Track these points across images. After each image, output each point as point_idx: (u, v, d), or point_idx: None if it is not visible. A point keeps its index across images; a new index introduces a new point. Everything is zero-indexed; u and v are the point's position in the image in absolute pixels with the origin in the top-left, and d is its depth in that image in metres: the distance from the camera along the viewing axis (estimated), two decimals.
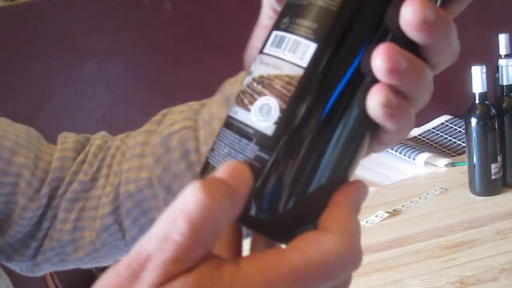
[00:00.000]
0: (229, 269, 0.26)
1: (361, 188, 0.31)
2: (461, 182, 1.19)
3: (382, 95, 0.29)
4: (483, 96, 1.10)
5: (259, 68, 0.31)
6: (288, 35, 0.30)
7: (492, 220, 1.04)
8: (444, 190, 1.20)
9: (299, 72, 0.29)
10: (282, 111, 0.29)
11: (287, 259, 0.26)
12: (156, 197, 0.50)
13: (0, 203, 0.50)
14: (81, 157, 0.54)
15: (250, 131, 0.30)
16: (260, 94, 0.30)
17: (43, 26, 1.68)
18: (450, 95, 1.45)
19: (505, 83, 1.12)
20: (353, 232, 0.28)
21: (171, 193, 0.49)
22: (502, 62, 1.12)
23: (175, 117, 0.52)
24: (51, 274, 1.39)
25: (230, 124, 0.31)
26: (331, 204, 0.29)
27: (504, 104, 1.12)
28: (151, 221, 0.50)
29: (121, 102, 1.76)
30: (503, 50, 1.19)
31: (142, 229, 0.51)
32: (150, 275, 0.25)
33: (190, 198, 0.25)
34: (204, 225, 0.25)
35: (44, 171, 0.52)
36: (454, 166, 1.30)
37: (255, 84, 0.31)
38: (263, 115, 0.30)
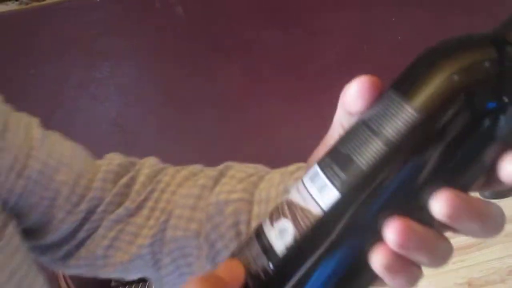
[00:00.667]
0: None
1: None
2: None
3: (385, 258, 0.31)
4: None
5: (293, 193, 0.34)
6: (321, 174, 0.33)
7: None
8: None
9: (319, 212, 0.32)
10: (295, 240, 0.32)
11: None
12: (199, 249, 0.55)
13: (39, 213, 0.56)
14: (124, 180, 0.59)
15: (267, 244, 0.34)
16: (285, 216, 0.33)
17: (56, 29, 1.71)
18: None
19: None
20: None
21: (214, 250, 0.55)
22: None
23: (234, 185, 0.56)
24: (63, 274, 1.41)
25: (258, 231, 0.35)
26: None
27: None
28: (189, 265, 0.56)
29: (133, 104, 1.79)
30: None
31: (179, 268, 0.56)
32: None
33: None
34: None
35: (85, 188, 0.58)
36: None
37: (285, 206, 0.34)
38: (281, 236, 0.33)
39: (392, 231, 0.30)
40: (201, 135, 1.84)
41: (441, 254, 0.33)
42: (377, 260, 0.31)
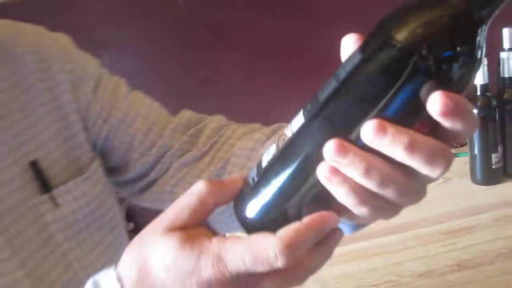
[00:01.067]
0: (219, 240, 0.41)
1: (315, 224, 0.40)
2: (463, 172, 1.22)
3: (324, 169, 0.39)
4: (484, 88, 1.13)
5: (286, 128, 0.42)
6: (300, 111, 0.41)
7: (491, 208, 1.07)
8: (446, 179, 1.22)
9: (290, 135, 0.40)
10: (273, 156, 0.41)
11: (242, 243, 0.40)
12: None
13: (120, 154, 0.71)
14: (192, 131, 0.71)
15: (259, 161, 0.43)
16: (274, 141, 0.42)
17: (58, 18, 1.72)
18: None
19: (506, 75, 1.14)
20: (290, 244, 0.39)
21: None
22: (503, 55, 1.15)
23: None
24: None
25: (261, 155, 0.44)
26: (292, 226, 0.40)
27: (505, 96, 1.15)
28: None
29: None
30: (506, 44, 1.22)
31: (230, 209, 0.67)
32: None
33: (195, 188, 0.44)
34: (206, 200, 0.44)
35: (157, 135, 0.71)
36: (456, 156, 1.33)
37: (278, 136, 0.47)
38: (267, 155, 0.42)
39: (329, 147, 0.37)
40: None
41: (369, 174, 0.37)
42: (319, 170, 0.38)
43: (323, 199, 0.40)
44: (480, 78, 1.12)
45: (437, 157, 0.36)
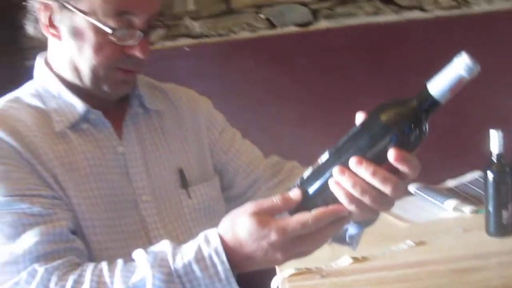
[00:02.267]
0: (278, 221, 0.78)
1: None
2: (481, 225, 1.42)
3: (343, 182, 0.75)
4: (499, 156, 1.35)
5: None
6: (328, 149, 0.78)
7: (497, 254, 1.28)
8: (465, 230, 1.43)
9: (319, 163, 0.76)
10: (310, 172, 0.78)
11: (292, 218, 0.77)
12: None
13: (228, 177, 1.16)
14: (276, 168, 1.16)
15: (301, 177, 0.79)
16: (311, 165, 0.79)
17: (154, 70, 2.05)
18: (482, 153, 1.69)
19: None
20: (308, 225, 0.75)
21: None
22: None
23: None
24: None
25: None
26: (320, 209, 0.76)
27: None
28: None
29: None
30: None
31: None
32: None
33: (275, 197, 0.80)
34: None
35: (254, 168, 1.15)
36: (478, 213, 1.54)
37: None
38: (306, 173, 0.78)
39: (336, 170, 0.74)
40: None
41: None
42: (330, 182, 0.74)
43: (333, 199, 0.74)
44: (496, 148, 1.34)
45: (388, 181, 0.72)
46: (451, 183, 1.77)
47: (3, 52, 1.99)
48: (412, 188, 1.72)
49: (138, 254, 0.86)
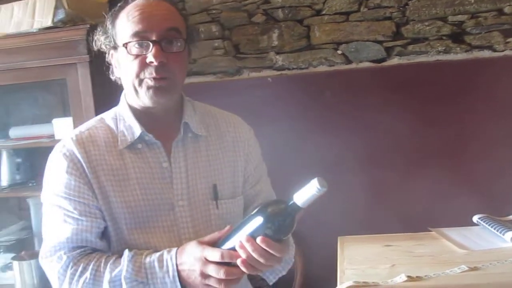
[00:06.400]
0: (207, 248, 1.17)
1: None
2: None
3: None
4: None
5: None
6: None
7: None
8: None
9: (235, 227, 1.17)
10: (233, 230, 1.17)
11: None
12: None
13: (248, 200, 1.43)
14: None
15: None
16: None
17: (236, 98, 2.18)
18: None
19: None
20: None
21: None
22: None
23: None
24: None
25: None
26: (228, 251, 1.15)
27: None
28: None
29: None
30: None
31: None
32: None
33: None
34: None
35: (264, 197, 1.46)
36: None
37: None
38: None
39: (243, 245, 1.11)
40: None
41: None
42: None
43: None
44: None
45: (258, 253, 1.10)
46: None
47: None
48: (475, 217, 1.75)
49: (125, 252, 1.22)
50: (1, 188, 2.49)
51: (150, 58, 1.23)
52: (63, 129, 2.23)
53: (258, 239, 1.08)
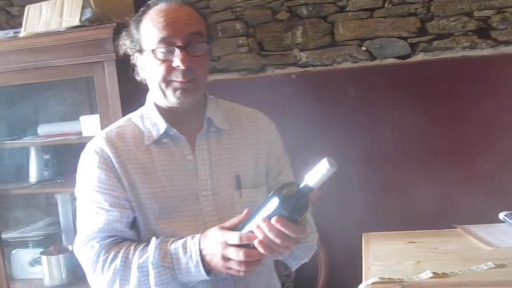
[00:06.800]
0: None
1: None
2: None
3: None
4: None
5: None
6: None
7: None
8: None
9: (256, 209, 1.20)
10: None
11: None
12: None
13: (269, 187, 1.46)
14: None
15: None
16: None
17: (259, 94, 2.19)
18: None
19: None
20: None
21: None
22: None
23: None
24: None
25: None
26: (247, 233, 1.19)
27: None
28: None
29: None
30: None
31: None
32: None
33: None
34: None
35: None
36: None
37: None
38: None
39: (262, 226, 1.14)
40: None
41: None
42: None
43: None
44: None
45: (274, 233, 1.13)
46: None
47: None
48: (501, 215, 1.73)
49: (153, 239, 1.29)
50: (30, 184, 2.54)
51: (177, 62, 1.30)
52: (90, 126, 2.26)
53: (273, 220, 1.11)
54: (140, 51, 1.37)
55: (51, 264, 2.42)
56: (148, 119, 1.41)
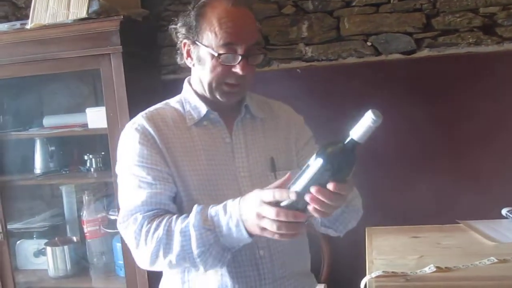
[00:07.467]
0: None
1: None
2: None
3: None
4: None
5: None
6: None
7: None
8: None
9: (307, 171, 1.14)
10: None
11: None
12: None
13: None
14: None
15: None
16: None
17: (275, 88, 2.20)
18: None
19: None
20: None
21: None
22: None
23: None
24: None
25: None
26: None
27: None
28: None
29: None
30: None
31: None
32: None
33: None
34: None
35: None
36: None
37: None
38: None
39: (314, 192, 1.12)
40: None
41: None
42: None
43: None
44: None
45: (323, 195, 1.12)
46: None
47: (145, 68, 2.26)
48: (504, 210, 1.74)
49: (195, 206, 1.30)
50: (35, 176, 2.56)
51: (238, 69, 1.38)
52: (96, 118, 2.28)
53: (330, 186, 1.10)
54: (195, 42, 1.41)
55: (55, 255, 2.44)
56: (188, 103, 1.49)
